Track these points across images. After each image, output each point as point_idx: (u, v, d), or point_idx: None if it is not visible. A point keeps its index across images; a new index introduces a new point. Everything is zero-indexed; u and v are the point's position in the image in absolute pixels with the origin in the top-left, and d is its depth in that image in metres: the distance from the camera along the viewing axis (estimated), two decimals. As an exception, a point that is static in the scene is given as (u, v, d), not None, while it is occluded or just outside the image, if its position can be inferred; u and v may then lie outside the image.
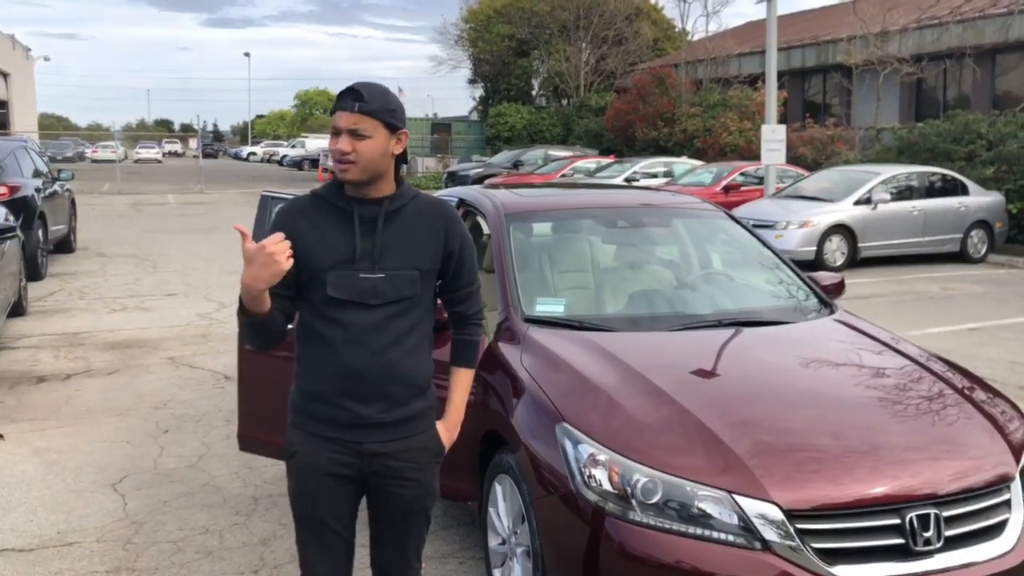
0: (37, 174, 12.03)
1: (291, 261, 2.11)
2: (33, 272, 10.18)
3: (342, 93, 2.23)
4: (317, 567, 2.37)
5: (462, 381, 2.50)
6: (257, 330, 2.23)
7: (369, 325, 2.24)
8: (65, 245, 13.11)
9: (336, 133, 2.23)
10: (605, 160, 22.21)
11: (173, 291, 10.16)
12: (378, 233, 2.26)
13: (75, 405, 5.84)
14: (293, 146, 57.41)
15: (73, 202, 13.94)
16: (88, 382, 6.39)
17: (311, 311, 2.28)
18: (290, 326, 2.32)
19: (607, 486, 2.64)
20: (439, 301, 2.46)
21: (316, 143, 48.45)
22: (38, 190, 11.31)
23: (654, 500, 2.58)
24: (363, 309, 2.24)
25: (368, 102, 2.20)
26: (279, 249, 2.09)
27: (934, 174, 13.71)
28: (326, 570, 2.38)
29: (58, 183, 12.88)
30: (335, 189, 2.32)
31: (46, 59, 45.67)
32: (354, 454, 2.29)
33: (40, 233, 10.85)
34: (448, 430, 2.47)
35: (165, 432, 5.31)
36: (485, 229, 4.55)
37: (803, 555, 2.48)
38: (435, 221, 2.33)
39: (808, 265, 11.28)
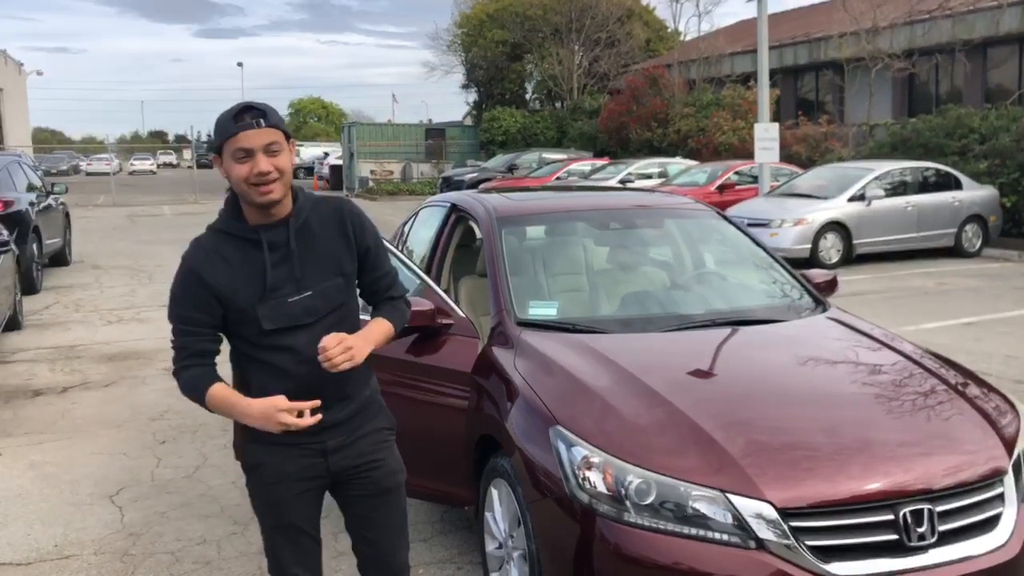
0: (31, 188, 12.05)
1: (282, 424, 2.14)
2: (28, 286, 10.19)
3: (237, 114, 2.15)
4: (292, 568, 2.41)
5: (382, 325, 2.35)
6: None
7: (311, 342, 2.20)
8: (60, 258, 13.11)
9: (246, 155, 2.14)
10: (600, 162, 22.22)
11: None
12: (293, 254, 2.23)
13: (72, 418, 5.84)
14: (287, 154, 57.09)
15: (67, 215, 13.94)
16: (84, 395, 6.39)
17: (249, 344, 2.26)
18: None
19: (601, 488, 2.64)
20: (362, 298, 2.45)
21: (311, 151, 48.38)
22: (32, 204, 11.32)
23: (648, 501, 2.58)
24: (302, 329, 2.24)
25: (270, 116, 2.16)
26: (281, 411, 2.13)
27: (927, 169, 13.73)
28: (305, 573, 2.43)
29: (52, 197, 12.89)
30: (234, 220, 2.26)
31: (39, 73, 45.66)
32: (318, 454, 2.34)
33: (35, 247, 10.86)
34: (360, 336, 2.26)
35: (162, 443, 5.31)
36: (478, 233, 4.56)
37: (798, 553, 2.48)
38: (341, 223, 2.31)
39: (803, 263, 11.28)
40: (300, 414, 2.15)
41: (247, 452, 2.37)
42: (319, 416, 2.17)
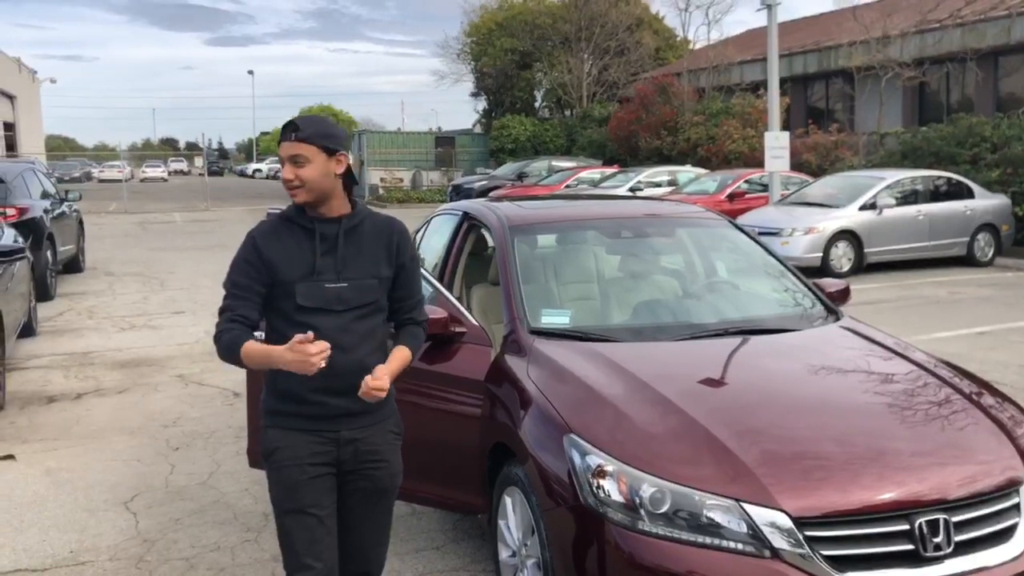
0: (45, 195, 12.13)
1: (322, 363, 2.30)
2: (42, 293, 10.25)
3: (283, 127, 2.50)
4: (305, 558, 2.48)
5: (403, 354, 2.60)
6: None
7: (337, 328, 2.47)
8: (74, 265, 13.18)
9: (282, 161, 2.51)
10: (609, 170, 22.24)
11: (181, 309, 10.20)
12: (339, 248, 2.52)
13: (86, 424, 5.88)
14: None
15: (81, 222, 14.02)
16: (98, 401, 6.43)
17: (283, 319, 2.52)
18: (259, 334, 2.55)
19: (616, 496, 2.65)
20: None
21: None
22: (46, 211, 11.39)
23: (663, 510, 2.59)
24: (331, 314, 2.49)
25: (302, 131, 2.47)
26: (314, 349, 2.29)
27: (939, 178, 13.69)
28: (316, 563, 2.49)
29: (66, 204, 12.97)
30: (300, 211, 2.58)
31: (52, 81, 45.76)
32: (331, 443, 2.53)
33: (49, 254, 10.92)
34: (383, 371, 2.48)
35: (175, 450, 5.34)
36: (490, 242, 4.58)
37: (813, 563, 2.48)
38: (389, 236, 2.61)
39: (814, 271, 11.27)
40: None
41: (266, 438, 2.56)
42: (327, 351, 2.31)
